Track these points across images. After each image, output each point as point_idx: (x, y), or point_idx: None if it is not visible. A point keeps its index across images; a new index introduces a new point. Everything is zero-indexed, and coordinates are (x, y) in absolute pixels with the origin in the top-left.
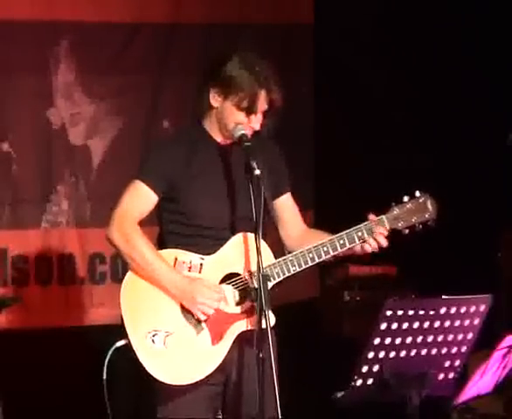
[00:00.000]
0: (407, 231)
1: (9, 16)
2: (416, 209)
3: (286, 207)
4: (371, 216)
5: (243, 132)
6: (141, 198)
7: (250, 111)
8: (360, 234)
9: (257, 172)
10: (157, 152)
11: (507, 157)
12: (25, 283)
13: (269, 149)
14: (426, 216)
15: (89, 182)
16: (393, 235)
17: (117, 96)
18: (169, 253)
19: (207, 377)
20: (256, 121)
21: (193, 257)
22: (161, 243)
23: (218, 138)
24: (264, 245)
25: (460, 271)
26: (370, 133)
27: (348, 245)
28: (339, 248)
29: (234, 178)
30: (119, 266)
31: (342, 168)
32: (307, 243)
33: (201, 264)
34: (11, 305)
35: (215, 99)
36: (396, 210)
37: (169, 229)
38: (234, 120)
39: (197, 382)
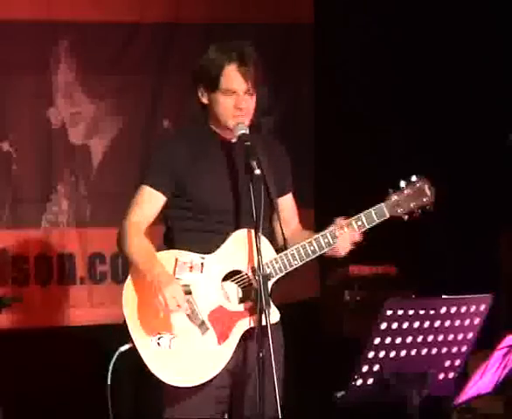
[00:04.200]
0: (407, 217)
1: (9, 16)
2: (414, 195)
3: (286, 206)
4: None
5: (243, 131)
6: (148, 203)
7: (225, 89)
8: (360, 223)
9: (257, 172)
10: (160, 152)
11: (507, 157)
12: (25, 283)
13: (275, 148)
14: (425, 200)
15: (89, 182)
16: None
17: (117, 96)
18: (170, 254)
19: (215, 380)
20: (240, 101)
21: (194, 257)
22: (167, 241)
23: (223, 134)
24: (264, 240)
25: (460, 271)
26: (370, 133)
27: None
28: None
29: (238, 174)
30: (119, 266)
31: (342, 167)
32: (296, 241)
33: (202, 264)
34: (11, 305)
35: (203, 97)
36: (394, 197)
37: (175, 225)
38: (222, 108)
39: (204, 385)
